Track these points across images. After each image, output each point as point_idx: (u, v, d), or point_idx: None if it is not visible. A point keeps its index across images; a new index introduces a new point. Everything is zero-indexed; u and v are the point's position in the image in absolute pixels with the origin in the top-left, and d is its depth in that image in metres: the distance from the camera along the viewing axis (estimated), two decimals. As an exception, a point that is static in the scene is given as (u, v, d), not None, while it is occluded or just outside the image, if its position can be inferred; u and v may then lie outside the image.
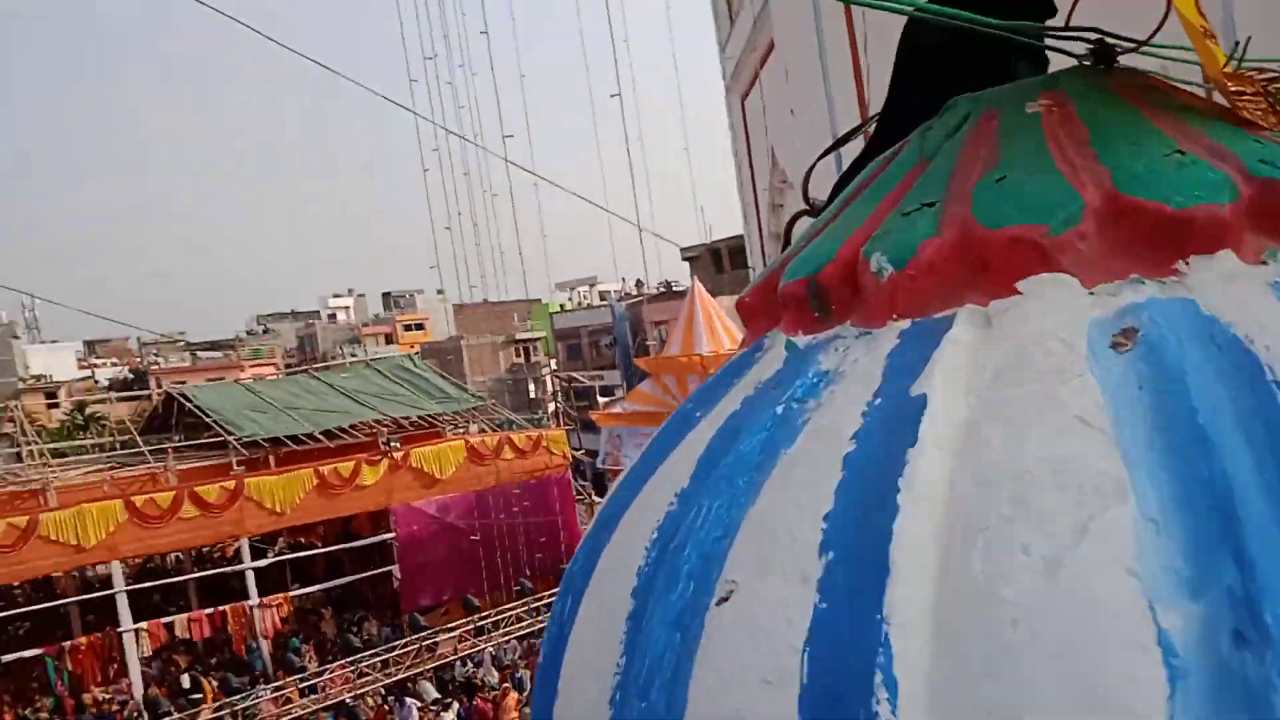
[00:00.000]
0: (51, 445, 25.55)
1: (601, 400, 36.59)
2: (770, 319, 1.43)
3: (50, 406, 53.83)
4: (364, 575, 22.96)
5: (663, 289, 42.84)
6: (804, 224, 1.77)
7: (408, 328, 73.56)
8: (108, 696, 18.72)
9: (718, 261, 40.53)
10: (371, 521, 23.63)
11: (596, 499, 28.70)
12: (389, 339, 71.76)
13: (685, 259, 43.07)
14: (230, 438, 22.32)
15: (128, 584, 19.98)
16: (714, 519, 1.18)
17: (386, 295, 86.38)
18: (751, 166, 6.76)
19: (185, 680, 19.27)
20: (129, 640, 19.31)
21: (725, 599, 1.10)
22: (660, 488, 1.32)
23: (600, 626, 1.26)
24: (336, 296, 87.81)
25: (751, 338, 1.48)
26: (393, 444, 23.14)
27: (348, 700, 16.81)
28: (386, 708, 18.06)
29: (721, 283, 35.29)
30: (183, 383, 41.55)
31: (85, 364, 70.48)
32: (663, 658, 1.14)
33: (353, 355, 53.60)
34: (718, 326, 23.22)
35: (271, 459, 22.33)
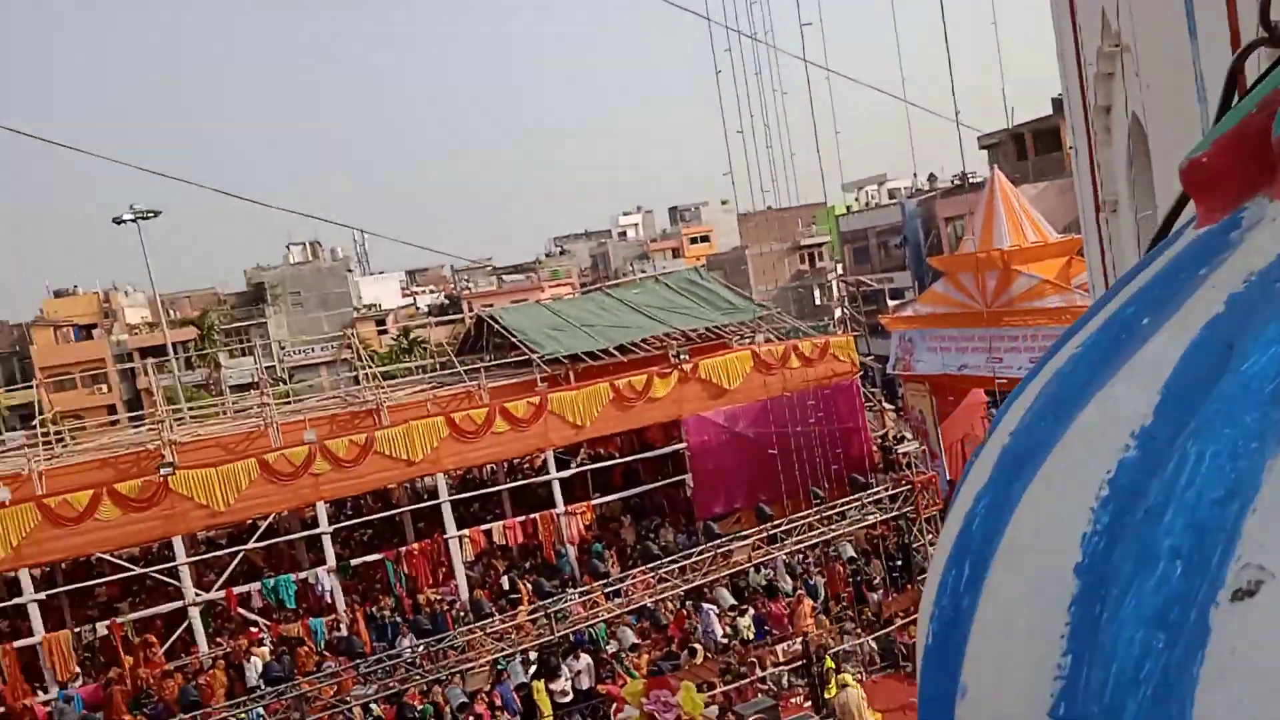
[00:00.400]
0: (382, 368, 27.98)
1: (891, 304, 35.32)
2: (1248, 184, 1.02)
3: (380, 333, 59.53)
4: (659, 484, 23.70)
5: (957, 182, 40.27)
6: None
7: (694, 240, 74.56)
8: (438, 597, 20.57)
9: (1020, 148, 37.48)
10: (664, 432, 24.26)
11: (887, 405, 27.88)
12: (676, 253, 73.08)
13: (983, 147, 40.23)
14: (534, 355, 23.49)
15: (451, 494, 21.72)
16: (1210, 473, 0.82)
17: (673, 210, 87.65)
18: (1076, 32, 5.91)
19: (505, 582, 20.83)
20: (454, 546, 21.07)
21: (1249, 592, 0.75)
22: (1100, 423, 0.96)
23: (1027, 612, 0.94)
24: (625, 214, 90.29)
25: (1214, 211, 1.07)
26: (682, 356, 23.48)
27: (649, 605, 17.47)
28: (685, 613, 18.67)
29: (1025, 171, 32.63)
30: (490, 305, 44.34)
31: (407, 292, 77.04)
32: (1140, 666, 0.81)
33: (642, 271, 55.01)
34: (1021, 219, 21.48)
35: (571, 374, 23.31)
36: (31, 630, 18.46)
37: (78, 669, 18.62)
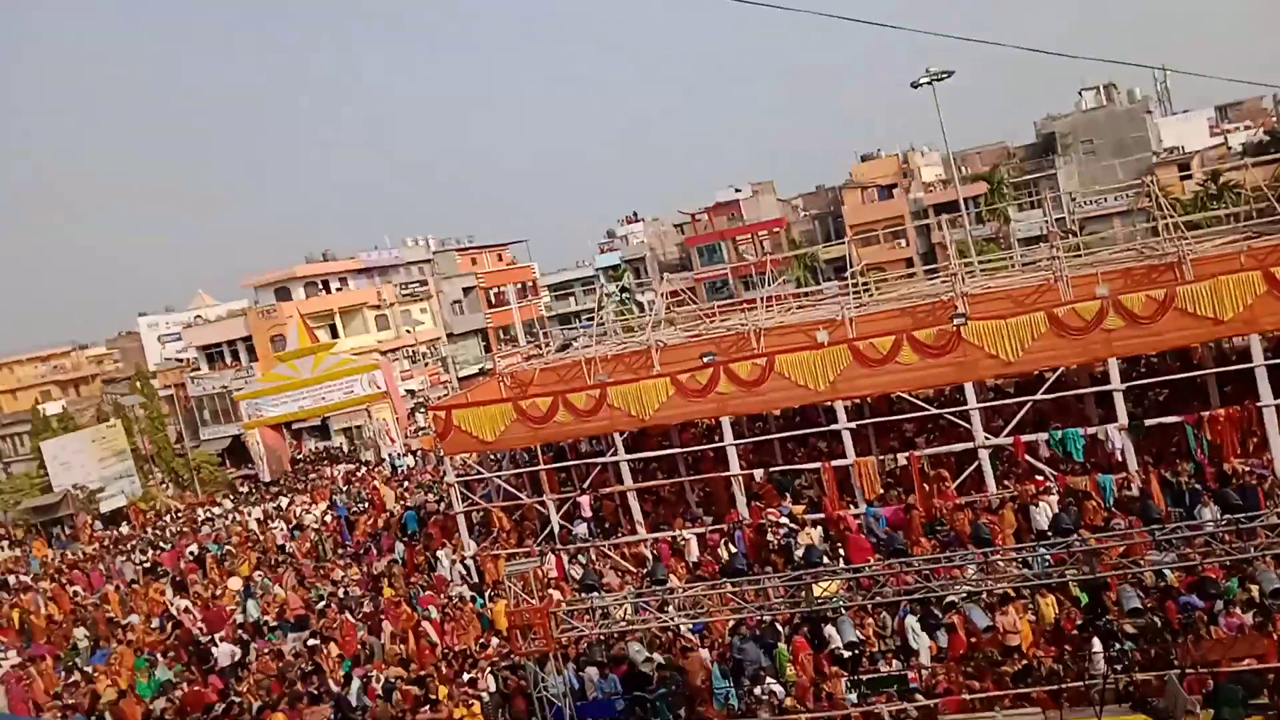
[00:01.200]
0: (1185, 218, 25.51)
1: None
2: None
3: (1183, 178, 54.03)
4: None
5: None
6: None
7: None
8: (1246, 469, 18.44)
9: None
10: None
11: None
12: None
13: None
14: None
15: (1266, 358, 19.09)
16: None
17: None
18: None
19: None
20: (1269, 416, 18.58)
21: None
22: None
23: None
24: None
25: None
26: None
27: None
28: None
29: None
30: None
31: (1217, 130, 68.30)
32: None
33: None
34: None
35: None
36: (845, 453, 21.25)
37: (881, 490, 20.99)
